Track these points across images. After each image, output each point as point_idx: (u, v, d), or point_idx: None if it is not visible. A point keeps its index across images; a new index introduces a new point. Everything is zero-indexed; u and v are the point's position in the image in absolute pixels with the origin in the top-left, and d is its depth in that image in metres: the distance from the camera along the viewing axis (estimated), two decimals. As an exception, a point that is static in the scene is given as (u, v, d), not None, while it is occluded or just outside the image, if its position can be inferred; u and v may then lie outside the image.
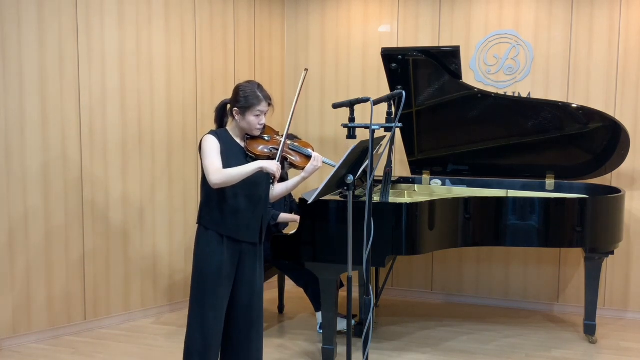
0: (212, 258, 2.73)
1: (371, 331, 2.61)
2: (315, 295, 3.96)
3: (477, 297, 4.83)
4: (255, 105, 2.71)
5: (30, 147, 3.81)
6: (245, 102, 2.71)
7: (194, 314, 2.78)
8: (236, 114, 2.75)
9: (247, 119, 2.73)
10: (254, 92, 2.72)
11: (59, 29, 3.87)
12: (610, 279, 4.53)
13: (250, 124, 2.74)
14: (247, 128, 2.76)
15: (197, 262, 2.78)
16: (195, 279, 2.78)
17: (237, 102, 2.73)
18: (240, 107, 2.72)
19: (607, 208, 3.80)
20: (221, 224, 2.73)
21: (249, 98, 2.71)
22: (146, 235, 4.38)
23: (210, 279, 2.73)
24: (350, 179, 2.69)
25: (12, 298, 3.81)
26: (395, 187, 4.53)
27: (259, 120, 2.74)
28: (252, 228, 2.80)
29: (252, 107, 2.71)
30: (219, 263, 2.74)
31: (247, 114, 2.72)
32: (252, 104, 2.71)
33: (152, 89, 4.32)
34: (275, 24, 5.12)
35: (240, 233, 2.76)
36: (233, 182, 2.63)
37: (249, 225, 2.78)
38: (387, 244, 3.41)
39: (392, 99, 2.68)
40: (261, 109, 2.72)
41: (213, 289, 2.74)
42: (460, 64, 3.93)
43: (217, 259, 2.73)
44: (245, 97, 2.71)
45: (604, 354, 3.81)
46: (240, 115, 2.73)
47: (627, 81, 4.38)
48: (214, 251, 2.73)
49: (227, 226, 2.74)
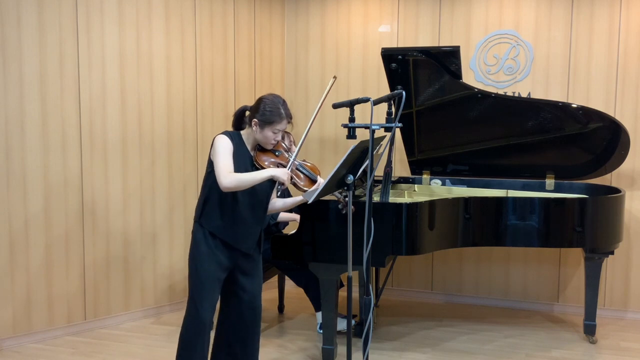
0: (208, 256, 2.73)
1: (371, 331, 2.61)
2: (315, 295, 3.96)
3: (477, 297, 4.83)
4: (277, 122, 2.70)
5: (30, 147, 3.81)
6: (268, 117, 2.69)
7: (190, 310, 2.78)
8: (255, 124, 2.73)
9: (264, 133, 2.71)
10: (278, 109, 2.70)
11: (59, 29, 3.87)
12: (610, 279, 4.53)
13: (266, 138, 2.73)
14: (262, 141, 2.75)
15: (193, 259, 2.77)
16: (192, 275, 2.78)
17: (259, 114, 2.71)
18: (261, 120, 2.70)
19: (607, 208, 3.80)
20: (220, 231, 2.74)
21: (272, 114, 2.69)
22: (146, 235, 4.38)
23: (206, 276, 2.73)
24: (350, 179, 2.69)
25: (12, 298, 3.81)
26: (395, 187, 4.53)
27: (275, 136, 2.73)
28: (250, 240, 2.81)
29: (273, 124, 2.70)
30: (216, 261, 2.74)
31: (266, 128, 2.70)
32: (274, 121, 2.70)
33: (152, 89, 4.32)
34: (275, 24, 5.12)
35: (238, 243, 2.77)
36: (243, 188, 2.62)
37: (247, 237, 2.79)
38: (387, 244, 3.41)
39: (392, 99, 2.68)
40: (280, 127, 2.72)
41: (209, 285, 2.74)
42: (460, 64, 3.93)
43: (213, 257, 2.74)
44: (268, 112, 2.69)
45: (604, 354, 3.81)
46: (259, 128, 2.71)
47: (627, 81, 4.38)
48: (211, 249, 2.74)
49: (226, 234, 2.74)
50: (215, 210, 2.72)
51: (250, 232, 2.80)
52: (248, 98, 4.91)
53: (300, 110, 5.14)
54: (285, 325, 4.32)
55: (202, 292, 2.74)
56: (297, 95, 5.16)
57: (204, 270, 2.74)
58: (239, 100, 4.84)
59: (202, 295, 2.75)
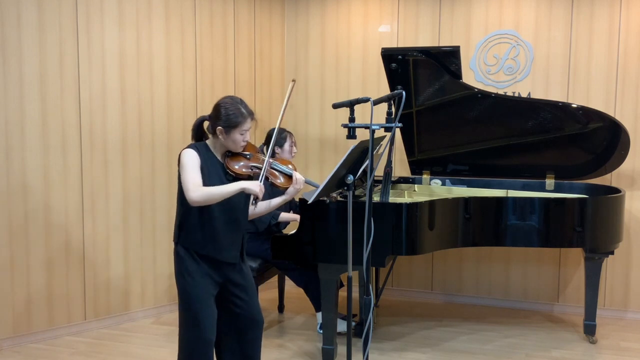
0: (197, 271, 2.63)
1: (371, 331, 2.61)
2: (315, 296, 3.96)
3: (477, 297, 4.83)
4: (242, 123, 2.59)
5: (30, 147, 3.81)
6: (232, 120, 2.57)
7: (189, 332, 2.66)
8: (220, 132, 2.60)
9: (232, 137, 2.60)
10: (239, 110, 2.59)
11: (59, 29, 3.87)
12: (610, 279, 4.53)
13: (235, 142, 2.62)
14: (231, 146, 2.64)
15: (180, 281, 2.65)
16: (182, 299, 2.66)
17: (221, 121, 2.59)
18: (225, 125, 2.58)
19: (607, 208, 3.80)
20: (201, 246, 2.63)
21: (235, 116, 2.57)
22: (146, 235, 4.38)
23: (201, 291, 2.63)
24: (350, 179, 2.69)
25: (12, 298, 3.81)
26: (395, 187, 4.53)
27: (244, 137, 2.63)
28: (233, 249, 2.70)
29: (238, 126, 2.58)
30: (204, 279, 2.63)
31: (232, 132, 2.59)
32: (239, 122, 2.58)
33: (152, 89, 4.32)
34: (275, 24, 5.12)
35: (221, 253, 2.66)
36: (213, 202, 2.52)
37: (230, 247, 2.68)
38: (387, 244, 3.41)
39: (392, 99, 2.68)
40: (246, 128, 2.61)
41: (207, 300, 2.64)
42: (460, 64, 3.93)
43: (201, 275, 2.63)
44: (231, 115, 2.58)
45: (604, 354, 3.81)
46: (225, 134, 2.60)
47: (627, 81, 4.38)
48: (198, 264, 2.63)
49: (208, 248, 2.63)
50: (193, 226, 2.62)
51: (232, 241, 2.69)
52: (248, 98, 4.90)
53: (300, 110, 5.14)
54: (285, 325, 4.32)
55: (202, 309, 2.62)
56: (297, 95, 5.16)
57: (197, 286, 2.62)
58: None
59: (203, 313, 2.62)
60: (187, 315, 2.66)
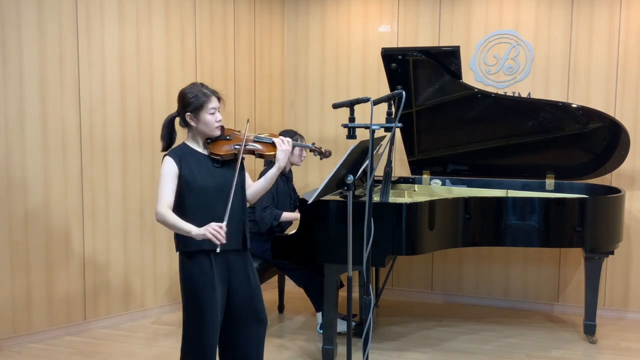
0: (202, 280, 2.61)
1: (371, 331, 2.61)
2: (315, 296, 3.96)
3: (477, 297, 4.83)
4: (206, 102, 2.60)
5: (30, 147, 3.81)
6: (196, 101, 2.59)
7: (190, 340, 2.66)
8: (190, 119, 2.61)
9: (203, 118, 2.60)
10: (200, 91, 2.61)
11: (59, 29, 3.87)
12: (610, 279, 4.53)
13: (208, 124, 2.61)
14: (207, 130, 2.63)
15: (187, 287, 2.64)
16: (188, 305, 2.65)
17: (188, 107, 2.60)
18: (192, 109, 2.59)
19: (607, 208, 3.80)
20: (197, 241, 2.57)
21: (198, 97, 2.59)
22: (146, 235, 4.38)
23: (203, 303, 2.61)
24: (350, 179, 2.69)
25: (12, 298, 3.81)
26: (395, 187, 4.53)
27: (215, 117, 2.63)
28: (235, 234, 2.67)
29: (204, 105, 2.59)
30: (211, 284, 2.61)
31: (201, 114, 2.59)
32: (204, 102, 2.59)
33: (152, 89, 4.32)
34: (275, 24, 5.12)
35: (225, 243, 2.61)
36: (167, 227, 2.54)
37: (231, 233, 2.62)
38: (387, 244, 3.41)
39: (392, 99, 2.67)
40: (213, 106, 2.62)
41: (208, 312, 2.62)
42: (460, 64, 3.93)
43: (207, 280, 2.61)
44: (194, 97, 2.59)
45: (604, 354, 3.81)
46: (195, 119, 2.61)
47: (627, 81, 4.38)
48: (203, 272, 2.61)
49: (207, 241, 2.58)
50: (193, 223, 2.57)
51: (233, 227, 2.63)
52: (248, 98, 4.92)
53: (300, 110, 5.14)
54: (285, 325, 4.32)
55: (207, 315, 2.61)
56: (297, 95, 5.16)
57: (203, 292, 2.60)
58: (239, 100, 4.84)
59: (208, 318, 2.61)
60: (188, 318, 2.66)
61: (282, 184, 4.07)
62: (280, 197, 4.04)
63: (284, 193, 4.07)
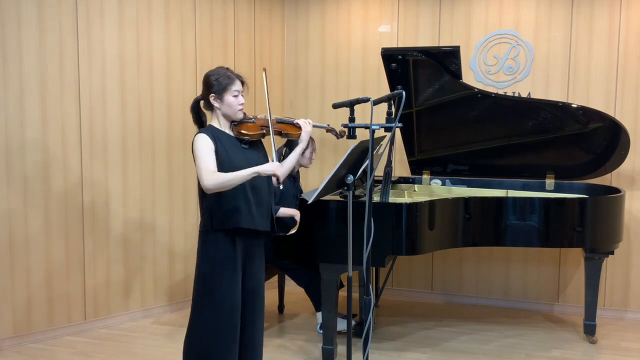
0: (224, 261, 2.65)
1: (371, 331, 2.61)
2: (315, 295, 3.96)
3: (477, 297, 4.83)
4: (230, 84, 2.65)
5: (30, 147, 3.81)
6: (220, 83, 2.64)
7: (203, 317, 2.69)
8: (214, 100, 2.67)
9: (226, 101, 2.66)
10: (225, 73, 2.67)
11: (59, 29, 3.87)
12: (610, 279, 4.53)
13: (231, 106, 2.67)
14: (230, 112, 2.68)
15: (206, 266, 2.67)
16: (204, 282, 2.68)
17: (212, 88, 2.66)
18: (216, 91, 2.65)
19: (607, 208, 3.80)
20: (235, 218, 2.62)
21: (221, 80, 2.65)
22: (146, 235, 4.38)
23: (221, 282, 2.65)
24: (350, 179, 2.69)
25: (12, 298, 3.81)
26: (395, 187, 4.53)
27: (238, 100, 2.68)
28: (264, 216, 2.74)
29: (227, 87, 2.65)
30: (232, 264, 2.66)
31: (224, 96, 2.65)
32: (227, 84, 2.65)
33: (152, 89, 4.32)
34: (275, 24, 5.12)
35: (256, 222, 2.68)
36: (227, 188, 2.54)
37: (262, 213, 2.71)
38: (387, 244, 3.41)
39: (392, 99, 2.68)
40: (237, 88, 2.67)
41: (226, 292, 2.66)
42: (460, 64, 3.93)
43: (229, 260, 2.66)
44: (217, 80, 2.65)
45: (604, 354, 3.81)
46: (219, 101, 2.67)
47: (627, 81, 4.38)
48: (226, 254, 2.65)
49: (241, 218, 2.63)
50: (221, 202, 2.62)
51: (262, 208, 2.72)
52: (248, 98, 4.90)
53: (300, 110, 5.14)
54: (285, 325, 4.32)
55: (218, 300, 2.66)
56: (297, 95, 5.16)
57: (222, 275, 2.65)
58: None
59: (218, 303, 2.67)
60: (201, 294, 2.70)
61: (288, 184, 4.07)
62: (286, 197, 4.03)
63: (289, 193, 4.07)
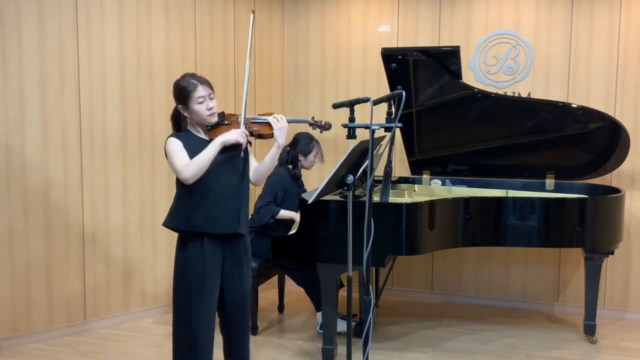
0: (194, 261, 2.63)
1: (371, 331, 2.61)
2: (315, 295, 3.96)
3: (477, 297, 4.83)
4: (191, 92, 2.60)
5: (30, 147, 3.81)
6: (184, 92, 2.61)
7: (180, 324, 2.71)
8: (183, 110, 2.66)
9: (192, 108, 2.62)
10: (187, 81, 2.62)
11: (59, 29, 3.87)
12: (610, 279, 4.53)
13: (198, 113, 2.63)
14: (199, 119, 2.65)
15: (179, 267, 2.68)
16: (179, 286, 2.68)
17: (179, 98, 2.64)
18: (182, 100, 2.63)
19: (607, 208, 3.80)
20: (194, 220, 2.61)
21: (185, 87, 2.61)
22: (146, 235, 4.38)
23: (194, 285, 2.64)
24: (350, 179, 2.69)
25: (12, 298, 3.81)
26: (395, 187, 4.53)
27: (205, 105, 2.63)
28: (229, 216, 2.65)
29: (189, 96, 2.60)
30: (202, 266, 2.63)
31: (190, 104, 2.62)
32: (190, 90, 2.60)
33: (152, 89, 4.32)
34: (275, 24, 5.12)
35: (214, 224, 2.62)
36: (204, 169, 2.55)
37: (225, 214, 2.64)
38: (387, 244, 3.41)
39: (392, 99, 2.68)
40: (200, 94, 2.61)
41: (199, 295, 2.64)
42: (460, 64, 3.93)
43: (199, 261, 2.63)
44: (180, 90, 2.63)
45: (604, 354, 3.81)
46: (187, 110, 2.64)
47: (627, 81, 4.38)
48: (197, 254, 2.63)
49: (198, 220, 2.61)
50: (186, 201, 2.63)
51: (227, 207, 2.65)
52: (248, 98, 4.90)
53: (300, 109, 5.14)
54: (285, 325, 4.32)
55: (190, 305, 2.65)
56: (297, 95, 5.16)
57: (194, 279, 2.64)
58: (238, 100, 4.83)
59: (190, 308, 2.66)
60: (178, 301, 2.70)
61: (291, 185, 4.07)
62: (289, 198, 4.03)
63: (292, 194, 4.07)
